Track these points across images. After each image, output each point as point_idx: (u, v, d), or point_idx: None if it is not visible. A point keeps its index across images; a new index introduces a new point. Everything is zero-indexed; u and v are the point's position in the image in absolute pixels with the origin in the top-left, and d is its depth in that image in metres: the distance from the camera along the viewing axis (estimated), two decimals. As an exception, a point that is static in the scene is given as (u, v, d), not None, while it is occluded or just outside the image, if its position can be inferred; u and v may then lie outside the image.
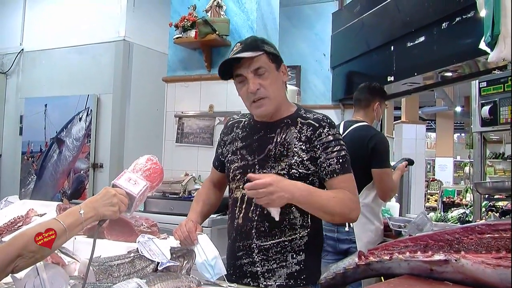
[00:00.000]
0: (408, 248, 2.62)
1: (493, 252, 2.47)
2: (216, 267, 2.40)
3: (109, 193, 1.98)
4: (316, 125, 2.56)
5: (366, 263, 2.59)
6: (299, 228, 2.57)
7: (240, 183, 2.63)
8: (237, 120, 2.81)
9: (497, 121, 3.88)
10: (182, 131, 5.97)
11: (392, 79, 5.65)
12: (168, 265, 2.22)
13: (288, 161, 2.53)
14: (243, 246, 2.60)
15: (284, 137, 2.57)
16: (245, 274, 2.59)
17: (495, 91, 3.96)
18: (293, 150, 2.54)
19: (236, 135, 2.74)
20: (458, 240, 2.56)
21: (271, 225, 2.54)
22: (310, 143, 2.54)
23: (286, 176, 2.49)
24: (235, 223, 2.64)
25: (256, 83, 2.49)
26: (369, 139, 4.13)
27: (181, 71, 6.12)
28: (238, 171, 2.65)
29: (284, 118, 2.62)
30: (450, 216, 7.07)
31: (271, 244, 2.55)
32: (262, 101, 2.53)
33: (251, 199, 2.54)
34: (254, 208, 2.56)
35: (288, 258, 2.55)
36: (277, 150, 2.55)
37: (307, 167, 2.53)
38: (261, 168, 2.56)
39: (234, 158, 2.69)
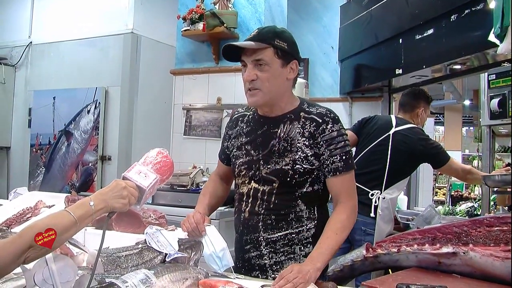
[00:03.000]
0: (416, 240, 2.63)
1: (501, 245, 2.47)
2: (224, 258, 2.41)
3: (119, 185, 1.99)
4: (320, 120, 2.55)
5: (374, 255, 2.61)
6: (306, 220, 2.58)
7: (245, 179, 2.64)
8: (242, 114, 2.81)
9: (506, 113, 3.86)
10: (190, 124, 5.97)
11: (400, 72, 5.62)
12: (176, 256, 2.22)
13: (292, 156, 2.53)
14: (250, 240, 2.61)
15: (287, 132, 2.57)
16: (254, 267, 2.60)
17: (504, 84, 3.93)
18: (297, 145, 2.54)
19: (241, 129, 2.74)
20: (466, 232, 2.56)
21: (277, 218, 2.55)
22: (313, 139, 2.54)
23: (291, 172, 2.52)
24: (242, 217, 2.65)
25: (253, 74, 2.49)
26: (428, 140, 4.41)
27: (189, 64, 6.12)
28: (243, 166, 2.66)
29: (287, 113, 2.62)
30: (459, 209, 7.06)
31: (279, 237, 2.56)
32: (255, 92, 2.53)
33: (257, 193, 2.57)
34: (260, 202, 2.58)
35: (296, 250, 2.56)
36: (281, 145, 2.56)
37: (312, 163, 2.54)
38: (266, 164, 2.57)
39: (239, 154, 2.70)
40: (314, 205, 2.61)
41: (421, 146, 4.24)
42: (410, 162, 4.31)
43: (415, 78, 6.10)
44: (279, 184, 2.54)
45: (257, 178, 2.60)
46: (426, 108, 4.70)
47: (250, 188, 2.62)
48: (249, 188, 2.63)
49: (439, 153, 4.38)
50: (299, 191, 2.56)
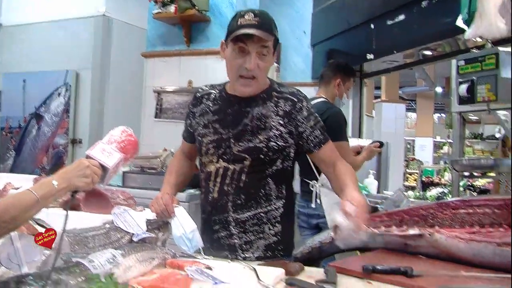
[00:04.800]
0: (384, 223, 2.65)
1: (466, 227, 2.50)
2: (194, 239, 2.41)
3: (83, 164, 1.97)
4: (295, 99, 2.60)
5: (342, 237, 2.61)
6: (275, 199, 2.60)
7: (213, 157, 2.62)
8: (207, 92, 2.78)
9: (474, 99, 3.90)
10: (161, 107, 5.96)
11: (371, 57, 5.66)
12: (143, 236, 2.22)
13: (266, 134, 2.54)
14: (219, 220, 2.61)
15: (260, 111, 2.58)
16: (223, 247, 2.60)
17: (472, 70, 3.96)
18: (271, 124, 2.55)
19: (207, 107, 2.72)
20: (432, 215, 2.59)
21: (247, 198, 2.56)
22: (289, 118, 2.57)
23: (265, 149, 2.53)
24: (210, 197, 2.64)
25: (256, 62, 2.49)
26: (322, 113, 4.13)
27: (160, 47, 6.10)
28: (211, 144, 2.64)
29: (259, 93, 2.62)
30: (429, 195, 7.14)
31: (248, 216, 2.56)
32: (251, 81, 2.53)
33: (226, 173, 2.56)
34: (229, 182, 2.57)
35: (265, 229, 2.57)
36: (254, 123, 2.56)
37: (286, 140, 2.56)
38: (237, 142, 2.56)
39: (206, 132, 2.67)
40: (282, 184, 2.63)
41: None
42: None
43: (386, 63, 6.15)
44: (250, 162, 2.54)
45: (227, 156, 2.59)
46: (345, 80, 4.61)
47: (219, 167, 2.60)
48: (217, 167, 2.61)
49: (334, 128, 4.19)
50: (270, 169, 2.57)
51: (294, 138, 2.58)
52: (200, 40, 5.91)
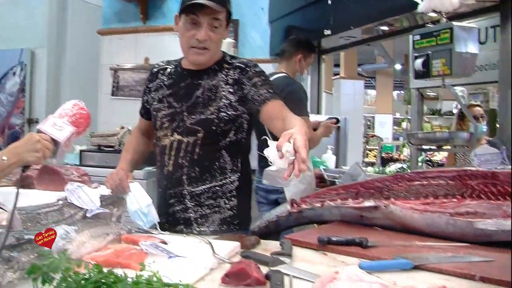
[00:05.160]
0: (340, 195, 2.67)
1: (421, 199, 2.54)
2: (149, 215, 2.41)
3: (33, 138, 1.94)
4: (243, 66, 2.61)
5: (298, 210, 2.63)
6: (230, 172, 2.60)
7: (168, 131, 2.62)
8: (162, 67, 2.79)
9: (429, 73, 3.94)
10: (117, 84, 5.91)
11: (329, 33, 5.65)
12: (97, 212, 2.20)
13: (216, 104, 2.55)
14: (174, 193, 2.60)
15: (211, 83, 2.59)
16: (178, 221, 2.60)
17: (428, 44, 4.00)
18: (221, 93, 2.56)
19: (162, 82, 2.72)
20: (388, 187, 2.62)
21: (201, 171, 2.55)
22: (237, 84, 2.58)
23: (216, 120, 2.53)
24: (165, 171, 2.63)
25: (207, 34, 2.50)
26: (283, 88, 4.14)
27: (116, 24, 6.04)
28: (165, 118, 2.64)
29: (211, 65, 2.64)
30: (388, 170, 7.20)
31: (203, 190, 2.56)
32: (203, 51, 2.55)
33: (180, 145, 2.56)
34: (183, 155, 2.57)
35: (221, 203, 2.57)
36: (205, 95, 2.57)
37: (236, 108, 2.56)
38: (190, 115, 2.57)
39: (160, 106, 2.67)
40: (237, 157, 2.64)
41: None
42: None
43: (344, 39, 6.16)
44: (203, 134, 2.55)
45: (181, 129, 2.58)
46: (306, 56, 4.64)
47: (173, 140, 2.60)
48: (171, 140, 2.61)
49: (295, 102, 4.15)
50: (224, 141, 2.58)
51: (243, 105, 2.58)
52: (157, 16, 5.87)
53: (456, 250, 2.04)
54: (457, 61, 3.74)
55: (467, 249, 2.08)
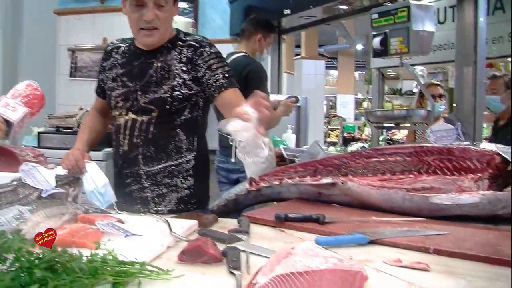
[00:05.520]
0: (298, 173, 2.68)
1: (378, 175, 2.57)
2: (106, 194, 2.40)
3: (-15, 119, 1.91)
4: (197, 45, 2.59)
5: (256, 189, 2.63)
6: (185, 151, 2.59)
7: (122, 110, 2.61)
8: (116, 46, 2.77)
9: (387, 52, 3.97)
10: (75, 65, 5.84)
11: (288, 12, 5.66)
12: (53, 192, 2.17)
13: (170, 83, 2.54)
14: (130, 173, 2.59)
15: (164, 61, 2.57)
16: (135, 200, 2.59)
17: (386, 23, 4.04)
18: (174, 72, 2.55)
19: (115, 61, 2.70)
20: (346, 164, 2.64)
21: (156, 150, 2.54)
22: (191, 63, 2.56)
23: (170, 99, 2.52)
24: (121, 151, 2.62)
25: (154, 13, 2.47)
26: (243, 67, 4.15)
27: (73, 3, 5.96)
28: (119, 98, 2.62)
29: (164, 43, 2.62)
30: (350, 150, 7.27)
31: (159, 169, 2.56)
32: (153, 31, 2.53)
33: (135, 125, 2.54)
34: (138, 134, 2.55)
35: (178, 182, 2.57)
36: (158, 74, 2.56)
37: (190, 87, 2.56)
38: (144, 94, 2.56)
39: (115, 85, 2.66)
40: (193, 135, 2.63)
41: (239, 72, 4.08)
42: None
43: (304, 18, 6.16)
44: (158, 113, 2.54)
45: (135, 108, 2.57)
46: (266, 36, 4.67)
47: (128, 120, 2.59)
48: (126, 120, 2.59)
49: (256, 81, 4.23)
50: (178, 119, 2.57)
51: (198, 85, 2.57)
52: (114, -4, 5.79)
53: (412, 225, 2.06)
54: (414, 39, 3.79)
55: (423, 223, 2.11)
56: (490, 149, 2.48)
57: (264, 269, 1.34)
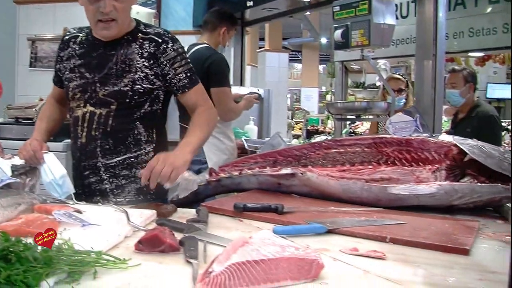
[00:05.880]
0: (258, 164, 2.69)
1: (338, 166, 2.59)
2: (64, 186, 2.37)
3: None
4: (159, 40, 2.56)
5: (216, 179, 2.63)
6: (145, 143, 2.58)
7: (80, 102, 2.57)
8: (74, 35, 2.70)
9: (348, 44, 4.00)
10: (36, 56, 5.75)
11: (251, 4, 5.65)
12: (8, 182, 2.14)
13: (131, 76, 2.50)
14: (89, 165, 2.56)
15: (125, 54, 2.53)
16: (94, 192, 2.57)
17: (347, 15, 4.06)
18: (136, 66, 2.52)
19: (73, 51, 2.64)
20: (305, 155, 2.65)
21: (115, 142, 2.52)
22: (154, 59, 2.54)
23: (130, 93, 2.50)
24: (79, 143, 2.58)
25: (111, 4, 2.41)
26: (205, 59, 4.14)
27: (33, -8, 5.86)
28: (77, 89, 2.58)
29: (124, 35, 2.57)
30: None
31: (117, 162, 2.54)
32: (111, 23, 2.46)
33: (93, 117, 2.51)
34: (96, 126, 2.52)
35: (137, 173, 2.54)
36: (119, 66, 2.52)
37: (152, 82, 2.53)
38: (102, 86, 2.52)
39: (72, 76, 2.60)
40: (152, 128, 2.61)
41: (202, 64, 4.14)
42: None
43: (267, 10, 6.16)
44: (117, 106, 2.51)
45: (93, 100, 2.53)
46: (229, 29, 4.65)
47: (86, 112, 2.55)
48: (84, 112, 2.55)
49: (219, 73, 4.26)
50: (138, 112, 2.55)
51: (160, 80, 2.56)
52: (75, -15, 5.72)
53: (370, 215, 2.08)
54: (375, 32, 3.81)
55: (381, 213, 2.13)
56: (447, 141, 2.52)
57: (220, 257, 1.34)
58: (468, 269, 1.50)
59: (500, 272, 1.45)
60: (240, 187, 2.62)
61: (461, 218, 2.13)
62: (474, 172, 2.37)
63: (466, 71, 5.13)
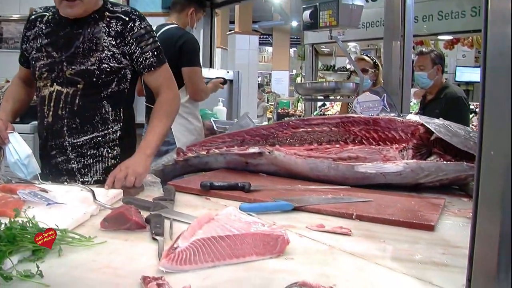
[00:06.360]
0: (225, 143, 2.69)
1: (305, 145, 2.59)
2: (29, 166, 2.34)
3: None
4: (126, 18, 2.52)
5: (184, 159, 2.62)
6: (112, 122, 2.55)
7: (47, 81, 2.52)
8: (40, 14, 2.65)
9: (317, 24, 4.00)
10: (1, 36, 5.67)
11: (221, -15, 5.62)
12: (-29, 161, 2.11)
13: (98, 55, 2.47)
14: (55, 145, 2.53)
15: (92, 33, 2.49)
16: (61, 172, 2.54)
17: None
18: (103, 45, 2.48)
19: (40, 30, 2.59)
20: (273, 134, 2.66)
21: (82, 121, 2.49)
22: (121, 38, 2.50)
23: (97, 72, 2.46)
24: (45, 122, 2.55)
25: None
26: (177, 39, 4.12)
27: (-2, -29, 5.76)
28: (44, 68, 2.53)
29: (91, 13, 2.52)
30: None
31: (84, 141, 2.51)
32: (75, 2, 2.41)
33: (60, 96, 2.48)
34: (63, 105, 2.49)
35: (104, 152, 2.53)
36: (86, 45, 2.48)
37: (119, 61, 2.50)
38: (69, 65, 2.47)
39: (39, 56, 2.56)
40: (120, 107, 2.58)
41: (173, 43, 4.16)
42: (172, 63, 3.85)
43: (236, -8, 6.14)
44: (84, 85, 2.47)
45: (60, 80, 2.49)
46: (197, 10, 4.64)
47: (52, 91, 2.51)
48: (51, 91, 2.51)
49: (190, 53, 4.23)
50: (105, 91, 2.51)
51: (127, 59, 2.53)
52: (42, -36, 5.64)
53: (337, 193, 2.09)
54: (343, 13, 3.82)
55: (348, 191, 2.14)
56: (414, 120, 2.53)
57: (186, 233, 1.34)
58: (433, 244, 1.52)
59: (463, 246, 1.46)
60: (208, 167, 2.62)
61: (427, 196, 2.15)
62: (440, 151, 2.40)
63: (433, 53, 5.15)
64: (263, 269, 1.28)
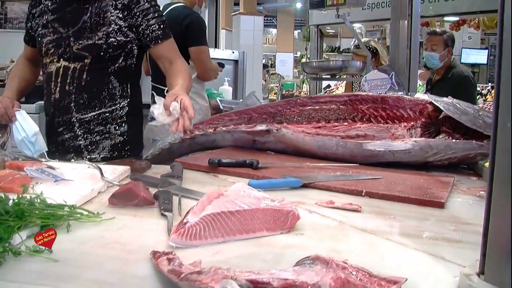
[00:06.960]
0: (233, 121, 2.67)
1: (313, 123, 2.57)
2: (36, 143, 2.33)
3: None
4: None
5: (191, 137, 2.61)
6: (119, 98, 2.54)
7: (54, 57, 2.51)
8: None
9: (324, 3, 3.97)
10: (5, 17, 5.65)
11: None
12: (-22, 138, 2.10)
13: (105, 30, 2.46)
14: (63, 121, 2.51)
15: (99, 7, 2.48)
16: (68, 149, 2.53)
17: (323, -25, 4.03)
18: (110, 18, 2.47)
19: (46, 7, 2.57)
20: (280, 112, 2.64)
21: (90, 97, 2.47)
22: (128, 11, 2.49)
23: (104, 46, 2.45)
24: (52, 98, 2.53)
25: None
26: (183, 18, 4.07)
27: (2, -50, 5.72)
28: (51, 44, 2.52)
29: None
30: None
31: (92, 117, 2.49)
32: None
33: (67, 71, 2.46)
34: (70, 81, 2.47)
35: (111, 129, 2.52)
36: (93, 20, 2.47)
37: (126, 34, 2.49)
38: (77, 40, 2.46)
39: (45, 32, 2.54)
40: (127, 82, 2.57)
41: (180, 22, 4.08)
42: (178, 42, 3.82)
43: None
44: (91, 60, 2.46)
45: (67, 55, 2.48)
46: None
47: (59, 67, 2.49)
48: (57, 67, 2.50)
49: (197, 32, 4.17)
50: (112, 66, 2.50)
51: (134, 32, 2.51)
52: None
53: (345, 170, 2.08)
54: (351, -9, 3.79)
55: (356, 169, 2.13)
56: (423, 98, 2.51)
57: (195, 208, 1.32)
58: (443, 221, 1.51)
59: (474, 223, 1.45)
60: (215, 145, 2.61)
61: (436, 174, 2.13)
62: (449, 129, 2.38)
63: (446, 34, 5.10)
64: (273, 244, 1.27)
